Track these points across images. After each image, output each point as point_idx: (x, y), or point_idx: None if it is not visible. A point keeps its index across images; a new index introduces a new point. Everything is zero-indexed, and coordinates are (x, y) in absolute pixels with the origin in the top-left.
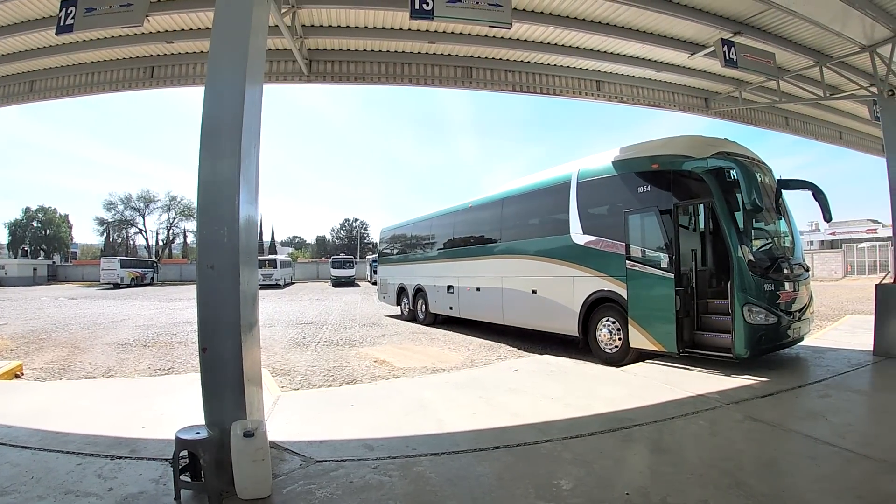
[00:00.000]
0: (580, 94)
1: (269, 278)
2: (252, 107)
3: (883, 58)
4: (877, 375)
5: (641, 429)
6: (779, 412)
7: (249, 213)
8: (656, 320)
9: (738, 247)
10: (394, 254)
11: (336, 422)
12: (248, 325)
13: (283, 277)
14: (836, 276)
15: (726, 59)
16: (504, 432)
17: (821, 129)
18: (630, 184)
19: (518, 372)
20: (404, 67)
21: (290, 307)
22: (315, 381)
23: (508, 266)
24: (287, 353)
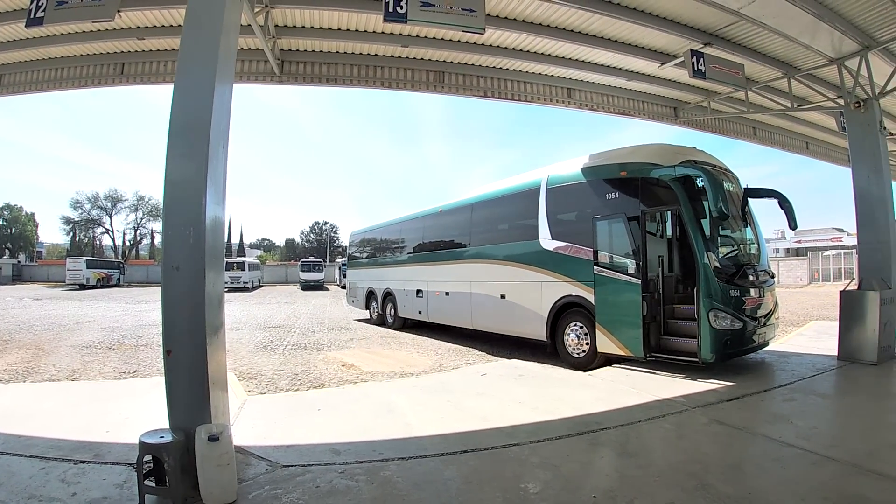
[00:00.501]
0: (551, 101)
1: (237, 281)
2: (221, 106)
3: (850, 71)
4: (841, 379)
5: (608, 432)
6: (744, 415)
7: (216, 214)
8: (623, 325)
9: (705, 253)
10: (363, 257)
11: (303, 426)
12: (213, 328)
13: (251, 280)
14: (802, 283)
15: (695, 70)
16: (472, 436)
17: (788, 140)
18: (599, 190)
19: (486, 376)
20: (377, 70)
21: (258, 310)
22: (282, 385)
23: (477, 271)
24: (254, 356)
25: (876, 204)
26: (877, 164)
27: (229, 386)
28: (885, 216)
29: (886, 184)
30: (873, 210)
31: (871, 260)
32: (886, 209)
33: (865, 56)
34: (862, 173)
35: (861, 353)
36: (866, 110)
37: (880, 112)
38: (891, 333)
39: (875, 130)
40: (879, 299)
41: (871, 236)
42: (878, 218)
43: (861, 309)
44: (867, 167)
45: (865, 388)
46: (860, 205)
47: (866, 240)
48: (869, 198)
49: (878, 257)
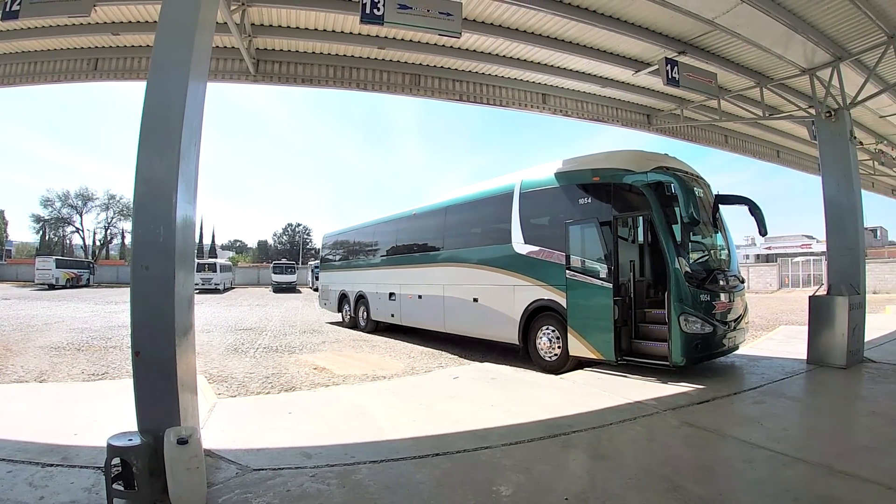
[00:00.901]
0: (526, 106)
1: (208, 282)
2: (194, 104)
3: (822, 81)
4: (810, 382)
5: (580, 435)
6: (715, 418)
7: (187, 214)
8: (595, 329)
9: (676, 258)
10: (336, 260)
11: (274, 429)
12: (182, 330)
13: (222, 282)
14: (772, 289)
15: (668, 78)
16: (444, 439)
17: (759, 148)
18: (571, 195)
19: (458, 379)
20: (353, 72)
21: (229, 312)
22: (253, 388)
23: (451, 274)
24: (225, 359)
25: (845, 211)
26: (847, 172)
27: (199, 389)
28: (854, 223)
29: (856, 192)
30: (842, 217)
31: (840, 266)
32: (855, 216)
33: (837, 67)
34: (832, 181)
35: (830, 356)
36: (837, 120)
37: (851, 122)
38: (859, 338)
39: (845, 140)
40: (848, 304)
41: (840, 243)
42: (847, 225)
43: (830, 314)
44: (837, 175)
45: (834, 391)
46: (830, 212)
47: (835, 246)
48: (838, 205)
49: (847, 263)
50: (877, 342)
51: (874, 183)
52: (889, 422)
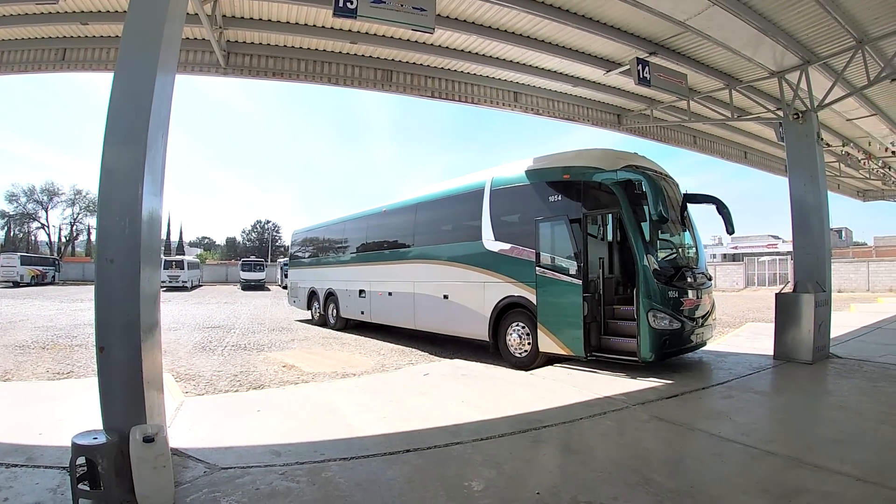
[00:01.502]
0: (498, 104)
1: (176, 280)
2: (163, 94)
3: (791, 84)
4: (777, 377)
5: (551, 430)
6: (684, 412)
7: (153, 207)
8: (565, 325)
9: (644, 256)
10: (305, 257)
11: (242, 428)
12: (148, 326)
13: (190, 279)
14: (738, 287)
15: (640, 78)
16: (415, 435)
17: (727, 149)
18: (542, 193)
19: (429, 376)
20: (324, 66)
21: (197, 310)
22: (221, 386)
23: (421, 271)
24: (192, 357)
25: (811, 211)
26: (813, 173)
27: (166, 387)
28: (820, 223)
29: (822, 192)
30: (809, 217)
31: (806, 264)
32: (821, 216)
33: (806, 70)
34: (799, 182)
35: (796, 352)
36: (805, 121)
37: (818, 124)
38: (825, 334)
39: (813, 141)
40: (814, 301)
41: (807, 242)
42: (814, 224)
43: (796, 310)
44: (804, 176)
45: (801, 386)
46: (796, 212)
47: (802, 245)
48: (805, 205)
49: (813, 262)
50: (842, 339)
51: (840, 185)
52: (856, 415)
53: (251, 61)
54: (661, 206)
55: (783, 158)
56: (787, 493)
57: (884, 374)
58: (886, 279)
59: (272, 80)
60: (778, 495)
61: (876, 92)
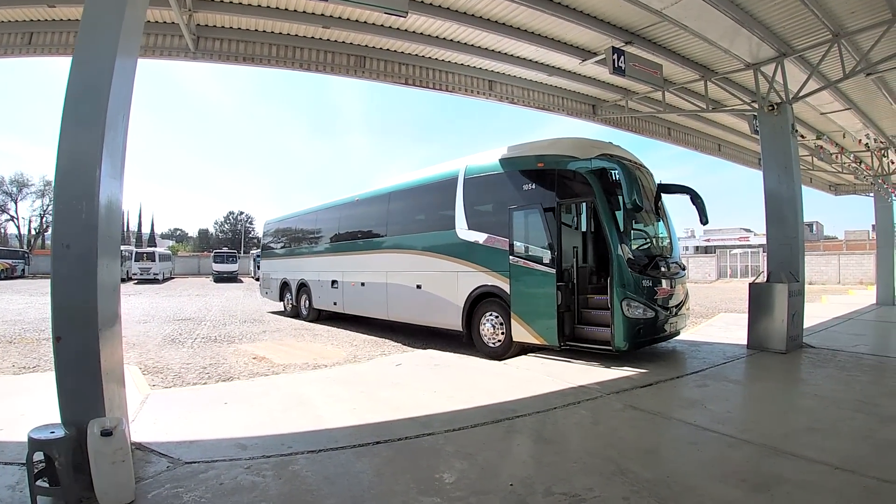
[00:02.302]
0: (472, 92)
1: (147, 272)
2: (123, 77)
3: (766, 76)
4: (751, 366)
5: (524, 419)
6: (659, 401)
7: (112, 192)
8: (538, 315)
9: (619, 245)
10: (277, 247)
11: (208, 420)
12: (107, 315)
13: (161, 271)
14: (711, 279)
15: (615, 67)
16: (385, 427)
17: (701, 141)
18: (516, 181)
19: (401, 366)
20: (296, 51)
21: (168, 302)
22: (189, 378)
23: (394, 261)
24: (161, 350)
25: (785, 202)
26: (787, 164)
27: (132, 380)
28: (794, 214)
29: (796, 183)
30: (782, 208)
31: (780, 255)
32: (795, 207)
33: (782, 62)
34: (773, 173)
35: (770, 342)
36: (780, 113)
37: (793, 116)
38: (798, 324)
39: (787, 133)
40: (788, 291)
41: (780, 232)
42: (787, 215)
43: (770, 300)
44: (778, 167)
45: (776, 375)
46: (770, 203)
47: (775, 236)
48: (779, 196)
49: (787, 252)
50: (815, 329)
51: (812, 178)
52: (831, 404)
53: (221, 46)
54: (635, 194)
55: (757, 151)
56: (765, 483)
57: (857, 364)
58: (856, 272)
59: (243, 64)
60: (756, 484)
61: (851, 86)
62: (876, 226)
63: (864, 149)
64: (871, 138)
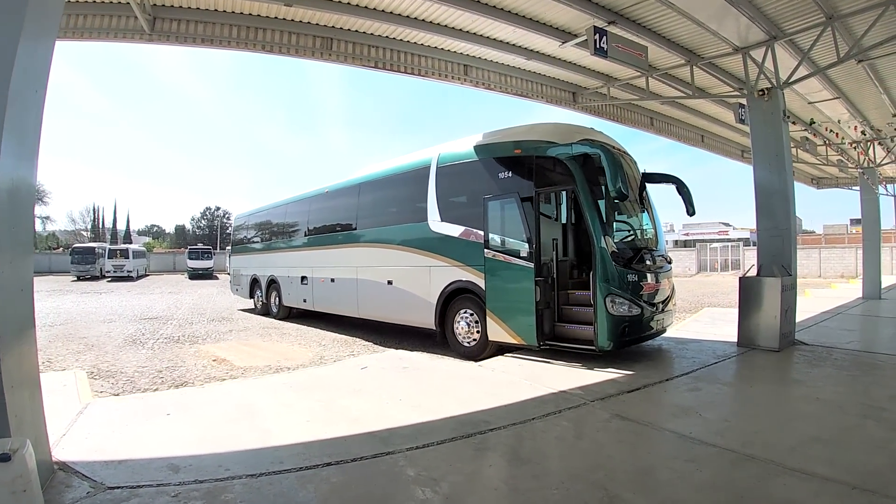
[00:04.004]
0: (447, 77)
1: (121, 269)
2: (33, 46)
3: (756, 60)
4: (744, 366)
5: (499, 433)
6: (648, 408)
7: (19, 175)
8: (515, 312)
9: (602, 237)
10: (247, 242)
11: (145, 435)
12: (12, 319)
13: (135, 269)
14: (691, 273)
15: (596, 48)
16: (339, 444)
17: (684, 132)
18: (491, 169)
19: (367, 370)
20: (258, 32)
21: (139, 301)
22: (142, 384)
23: (364, 255)
24: (120, 351)
25: (776, 191)
26: (779, 151)
27: (75, 388)
28: (786, 204)
29: (788, 171)
30: (773, 197)
31: (771, 247)
32: (787, 197)
33: (772, 46)
34: (763, 161)
35: (762, 339)
36: (770, 98)
37: (784, 101)
38: (791, 320)
39: (779, 118)
40: (781, 286)
41: (771, 223)
42: (779, 206)
43: (762, 295)
44: (769, 155)
45: (771, 376)
46: (760, 193)
47: (766, 227)
48: (770, 185)
49: (779, 244)
50: (805, 324)
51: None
52: (835, 409)
53: (179, 27)
54: (619, 182)
55: (740, 143)
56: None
57: (854, 362)
58: (837, 265)
59: (201, 47)
60: None
61: (840, 74)
62: (862, 219)
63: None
64: (860, 130)
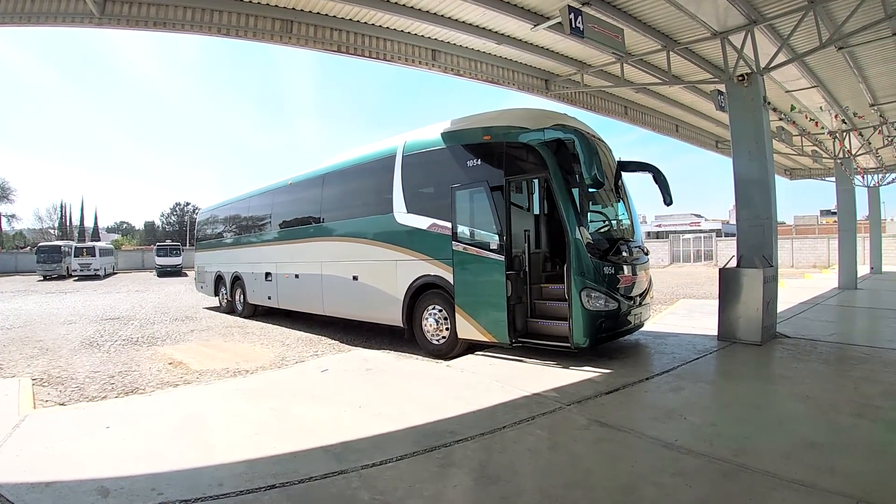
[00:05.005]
0: (414, 62)
1: (87, 268)
2: None
3: (735, 46)
4: (726, 362)
5: (465, 446)
6: (629, 412)
7: None
8: (485, 307)
9: (576, 227)
10: (211, 238)
11: (80, 451)
12: None
13: (102, 267)
14: (664, 264)
15: (572, 28)
16: (288, 462)
17: (658, 121)
18: (459, 157)
19: (327, 373)
20: (213, 14)
21: (103, 300)
22: (91, 391)
23: (328, 250)
24: (74, 355)
25: (756, 180)
26: (759, 138)
27: (17, 397)
28: (766, 192)
29: (768, 159)
30: (753, 186)
31: (751, 237)
32: (768, 185)
33: (752, 31)
34: (743, 149)
35: (743, 332)
36: (750, 84)
37: (764, 87)
38: (773, 312)
39: (759, 104)
40: (763, 277)
41: (751, 213)
42: (759, 195)
43: (743, 287)
44: (749, 143)
45: (756, 372)
46: (740, 182)
47: (746, 217)
48: (749, 174)
49: (759, 234)
50: (784, 315)
51: None
52: (827, 408)
53: (130, 10)
54: (595, 168)
55: (714, 133)
56: None
57: (840, 356)
58: (809, 255)
59: (153, 30)
60: None
61: (820, 62)
62: (837, 209)
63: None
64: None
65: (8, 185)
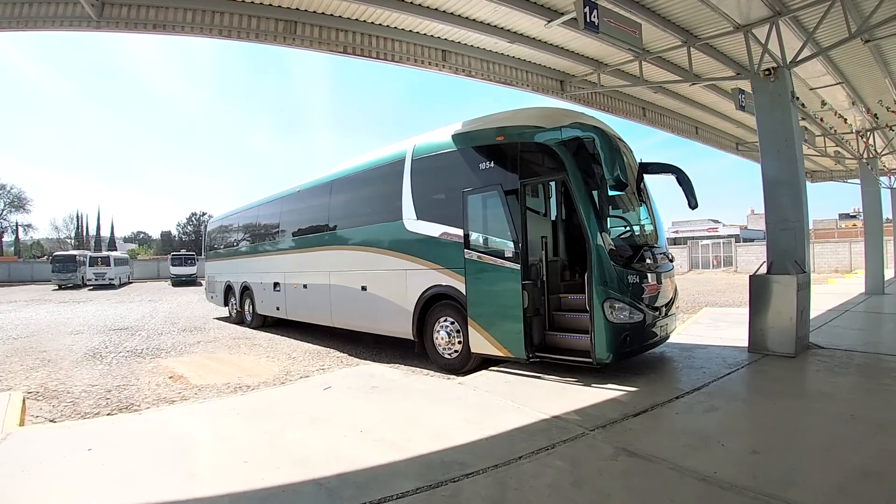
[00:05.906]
0: (423, 63)
1: (102, 277)
2: None
3: (759, 39)
4: (760, 377)
5: (476, 481)
6: (660, 439)
7: None
8: (500, 320)
9: (598, 233)
10: (221, 247)
11: (54, 478)
12: None
13: (118, 276)
14: (683, 270)
15: (586, 22)
16: (274, 497)
17: (678, 123)
18: (471, 160)
19: (330, 390)
20: (215, 16)
21: (115, 310)
22: (84, 407)
23: (336, 259)
24: (75, 367)
25: (787, 180)
26: (788, 136)
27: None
28: (797, 194)
29: (798, 158)
30: (783, 187)
31: (781, 242)
32: (798, 186)
33: (776, 23)
34: (771, 148)
35: (776, 344)
36: (777, 79)
37: (792, 81)
38: (806, 322)
39: (787, 100)
40: (797, 284)
41: (781, 216)
42: (790, 196)
43: (776, 296)
44: (777, 141)
45: (794, 389)
46: (769, 183)
47: (775, 220)
48: (779, 174)
49: (790, 239)
50: (814, 324)
51: None
52: (876, 429)
53: (129, 13)
54: (618, 168)
55: (735, 135)
56: None
57: (880, 368)
58: (831, 260)
59: (153, 33)
60: None
61: (844, 57)
62: (863, 211)
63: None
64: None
65: (24, 195)
